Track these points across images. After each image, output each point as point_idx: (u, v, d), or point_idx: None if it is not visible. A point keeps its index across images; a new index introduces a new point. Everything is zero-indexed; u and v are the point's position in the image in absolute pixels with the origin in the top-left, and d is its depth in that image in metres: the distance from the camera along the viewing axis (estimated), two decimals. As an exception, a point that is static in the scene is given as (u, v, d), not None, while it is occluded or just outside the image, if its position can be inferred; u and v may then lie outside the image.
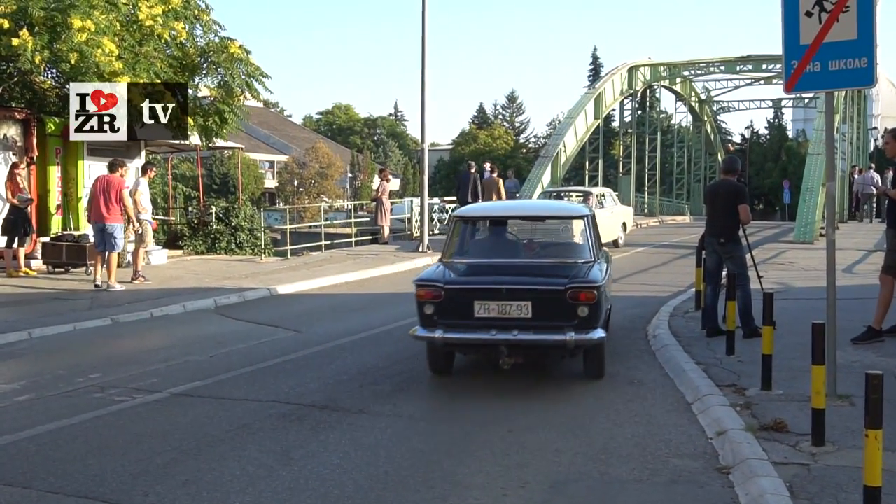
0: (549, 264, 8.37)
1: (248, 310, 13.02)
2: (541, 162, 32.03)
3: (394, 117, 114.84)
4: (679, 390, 7.67)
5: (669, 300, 13.01)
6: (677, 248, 23.03)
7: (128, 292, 14.03)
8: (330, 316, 12.58)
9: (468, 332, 7.62)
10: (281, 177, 71.24)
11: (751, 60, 43.26)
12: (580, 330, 7.49)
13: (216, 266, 18.06)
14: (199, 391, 7.78)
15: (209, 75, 18.20)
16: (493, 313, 7.54)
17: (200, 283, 15.15)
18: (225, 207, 21.76)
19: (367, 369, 8.64)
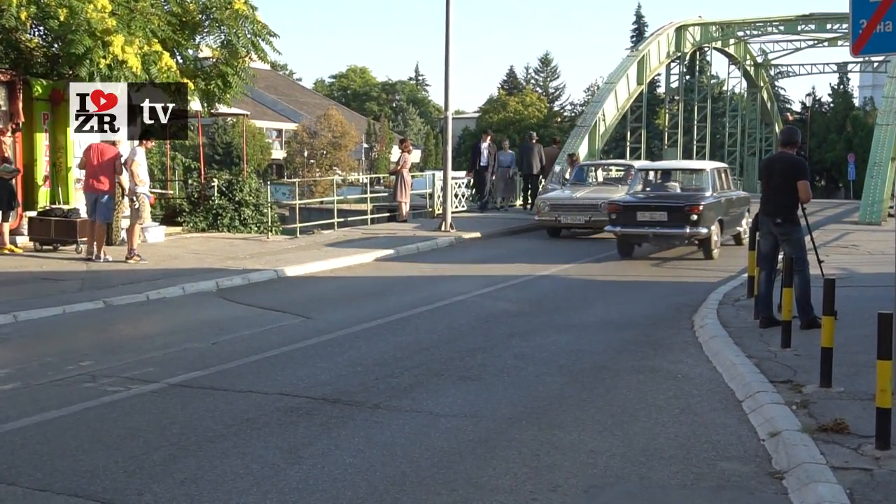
0: (680, 195, 16.99)
1: (252, 293, 13.07)
2: (577, 132, 31.94)
3: (414, 82, 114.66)
4: (728, 386, 7.65)
5: (718, 287, 12.96)
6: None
7: (122, 272, 14.14)
8: (342, 301, 12.63)
9: (633, 227, 16.53)
10: (290, 147, 71.38)
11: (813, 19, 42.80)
12: (693, 227, 15.93)
13: (218, 245, 18.14)
14: (200, 382, 7.84)
15: (211, 34, 18.22)
16: (646, 218, 16.38)
17: (201, 264, 15.23)
18: (228, 180, 21.83)
19: (384, 360, 8.68)
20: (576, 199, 20.65)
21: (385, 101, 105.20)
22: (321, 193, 55.78)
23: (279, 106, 79.63)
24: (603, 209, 19.10)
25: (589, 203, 20.30)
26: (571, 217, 20.40)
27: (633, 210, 16.54)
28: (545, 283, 14.23)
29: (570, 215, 20.41)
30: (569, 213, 20.44)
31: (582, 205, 20.39)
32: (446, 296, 12.65)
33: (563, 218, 20.46)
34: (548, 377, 8.03)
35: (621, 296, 12.93)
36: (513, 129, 74.41)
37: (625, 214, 16.55)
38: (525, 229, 21.96)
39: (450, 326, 10.47)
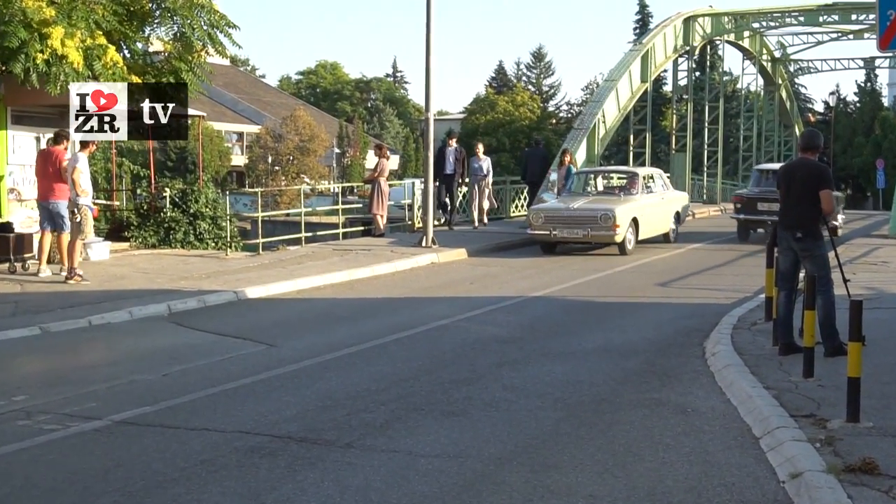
0: None
1: (209, 318, 13.03)
2: (574, 135, 31.98)
3: (392, 79, 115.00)
4: (744, 421, 7.66)
5: (733, 309, 13.00)
6: (743, 244, 23.00)
7: (61, 294, 14.06)
8: (311, 326, 12.60)
9: (754, 215, 22.79)
10: (252, 152, 71.37)
11: (837, 9, 43.11)
12: None
13: (170, 263, 18.08)
14: (149, 419, 7.79)
15: (163, 25, 18.18)
16: (765, 208, 21.38)
17: (151, 284, 15.17)
18: (182, 190, 21.78)
19: (357, 393, 8.65)
20: (573, 210, 20.64)
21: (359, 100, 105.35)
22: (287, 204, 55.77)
23: (240, 106, 79.66)
24: (602, 222, 19.73)
25: (587, 215, 20.30)
26: (568, 231, 20.41)
27: (754, 201, 22.93)
28: (538, 306, 14.23)
29: (566, 229, 20.42)
30: (565, 227, 20.44)
31: (579, 217, 20.36)
32: (428, 320, 12.63)
33: (559, 232, 20.47)
34: (541, 412, 8.02)
35: (624, 319, 12.95)
36: (502, 131, 74.86)
37: (748, 204, 23.17)
38: (515, 244, 22.01)
39: (431, 355, 10.45)
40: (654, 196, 22.44)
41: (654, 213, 22.04)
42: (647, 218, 21.48)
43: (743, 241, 23.13)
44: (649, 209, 21.77)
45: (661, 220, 22.53)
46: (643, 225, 21.16)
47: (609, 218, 19.96)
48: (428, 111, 21.40)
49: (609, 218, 19.96)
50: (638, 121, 40.18)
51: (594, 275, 17.36)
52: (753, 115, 51.07)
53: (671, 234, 23.09)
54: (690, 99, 42.67)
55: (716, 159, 44.30)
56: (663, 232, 22.67)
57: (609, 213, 20.02)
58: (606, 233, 20.08)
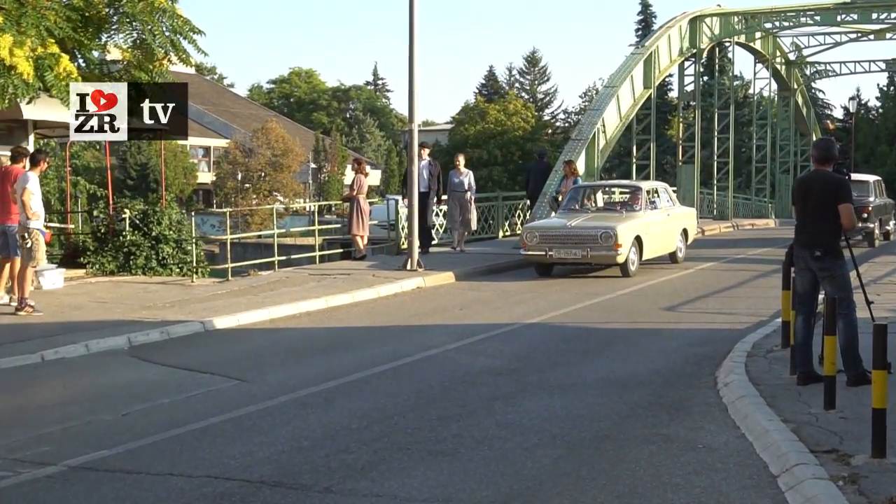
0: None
1: (173, 351, 12.99)
2: (572, 147, 32.11)
3: (372, 87, 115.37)
4: (760, 458, 7.66)
5: (747, 335, 13.00)
6: (757, 264, 23.08)
7: (11, 326, 14.01)
8: (286, 359, 12.57)
9: None
10: (220, 168, 71.51)
11: (856, 8, 43.40)
12: (863, 222, 24.95)
13: (131, 291, 18.02)
14: (108, 463, 7.76)
15: (121, 31, 18.17)
16: None
17: (109, 315, 15.11)
18: (143, 211, 21.73)
19: (336, 432, 8.64)
20: (570, 228, 20.48)
21: (336, 110, 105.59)
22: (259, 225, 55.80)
23: (206, 118, 79.75)
24: (603, 241, 19.57)
25: (586, 233, 20.15)
26: (565, 251, 20.21)
27: None
28: (535, 333, 14.23)
29: (563, 249, 20.22)
30: (562, 247, 20.25)
31: (578, 236, 20.22)
32: (413, 350, 12.62)
33: (556, 252, 20.27)
34: (539, 450, 8.01)
35: (628, 347, 12.96)
36: (493, 143, 75.05)
37: None
38: (509, 266, 22.02)
39: (418, 389, 10.44)
40: (660, 212, 22.28)
41: (659, 231, 21.84)
42: (652, 236, 21.31)
43: None
44: (654, 227, 21.59)
45: (667, 239, 22.34)
46: (647, 244, 21.00)
47: (610, 237, 19.78)
48: (412, 122, 21.41)
49: (610, 237, 19.78)
50: (641, 130, 40.37)
51: (595, 299, 17.38)
52: (767, 123, 51.32)
53: (678, 253, 22.87)
54: (698, 106, 42.88)
55: (727, 171, 44.36)
56: (669, 251, 22.49)
57: (610, 232, 19.82)
58: (607, 253, 19.89)
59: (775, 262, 19.89)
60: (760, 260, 24.01)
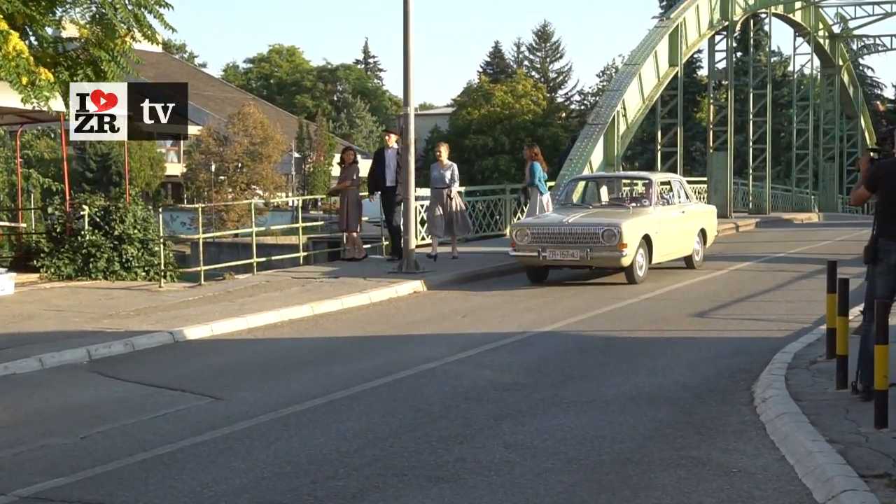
0: None
1: (138, 365, 12.99)
2: (588, 132, 32.11)
3: (363, 66, 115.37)
4: (803, 483, 7.65)
5: (787, 344, 13.00)
6: (799, 263, 23.06)
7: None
8: (265, 373, 12.56)
9: None
10: (191, 159, 71.42)
11: (909, -27, 43.42)
12: None
13: (90, 297, 18.04)
14: (65, 492, 7.75)
15: (78, 5, 18.18)
16: None
17: (66, 325, 15.13)
18: (104, 207, 21.75)
19: (323, 456, 8.63)
20: (568, 225, 19.92)
21: (322, 92, 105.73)
22: (235, 223, 55.87)
23: (175, 102, 79.68)
24: (606, 240, 19.05)
25: (586, 231, 19.55)
26: (561, 252, 19.50)
27: None
28: (547, 343, 14.24)
29: (558, 249, 19.54)
30: (557, 246, 19.60)
31: (576, 234, 19.62)
32: (410, 363, 12.62)
33: (550, 253, 19.57)
34: (552, 475, 8.00)
35: (653, 359, 12.94)
36: (500, 128, 75.08)
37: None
38: (517, 268, 21.97)
39: (415, 407, 10.43)
40: (673, 209, 21.80)
41: (672, 231, 21.18)
42: (664, 236, 20.62)
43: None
44: (666, 225, 20.96)
45: (682, 240, 21.76)
46: (658, 244, 20.29)
47: (614, 235, 19.04)
48: (407, 105, 21.42)
49: (614, 235, 19.04)
50: (667, 113, 40.26)
51: (616, 304, 17.37)
52: (809, 104, 51.31)
53: (695, 256, 22.22)
54: (731, 86, 42.78)
55: (763, 159, 44.31)
56: (685, 254, 21.95)
57: (614, 229, 19.08)
58: (610, 254, 19.17)
59: (818, 262, 19.92)
60: (801, 259, 23.98)
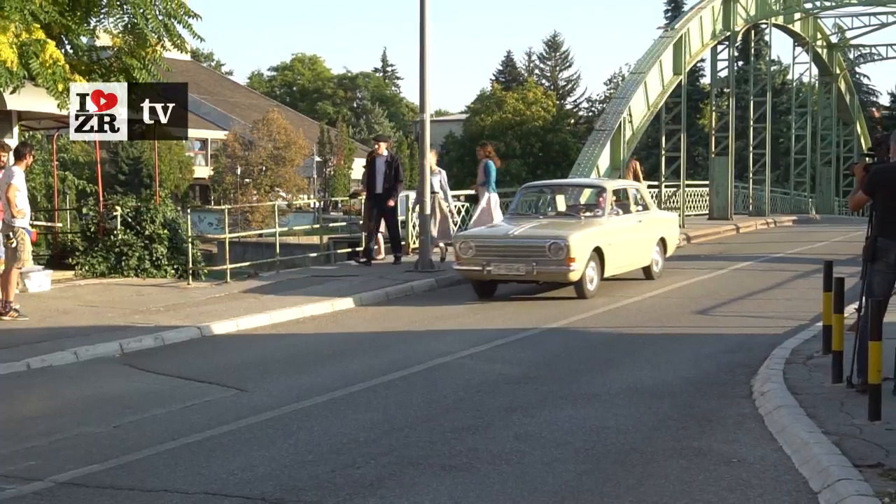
0: None
1: (168, 358, 13.03)
2: (596, 138, 32.12)
3: (381, 74, 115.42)
4: (799, 473, 7.64)
5: (785, 340, 12.98)
6: (797, 263, 23.00)
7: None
8: (288, 367, 12.58)
9: None
10: (217, 162, 71.56)
11: (903, -14, 43.27)
12: None
13: (123, 294, 18.08)
14: (98, 479, 7.78)
15: (111, 15, 18.26)
16: None
17: (100, 320, 15.17)
18: (136, 208, 21.77)
19: (342, 445, 8.65)
20: (513, 238, 17.96)
21: (343, 99, 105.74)
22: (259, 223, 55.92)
23: (203, 109, 79.84)
24: (552, 254, 17.20)
25: (532, 244, 17.64)
26: (506, 266, 17.50)
27: None
28: (556, 339, 14.24)
29: (503, 263, 17.54)
30: (502, 260, 17.60)
31: (521, 246, 17.71)
32: (425, 357, 12.63)
33: (495, 267, 17.54)
34: (560, 465, 8.01)
35: (656, 354, 12.93)
36: (512, 133, 74.98)
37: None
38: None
39: (430, 399, 10.44)
40: (629, 218, 19.83)
41: (627, 241, 19.16)
42: (618, 248, 18.60)
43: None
44: (621, 236, 18.93)
45: (639, 250, 19.78)
46: (611, 257, 18.30)
47: (561, 248, 17.11)
48: (423, 111, 21.40)
49: (561, 248, 17.11)
50: (671, 119, 40.21)
51: (621, 301, 17.35)
52: (807, 111, 51.12)
53: (654, 266, 20.28)
54: (732, 93, 42.62)
55: (763, 163, 44.23)
56: (642, 265, 20.05)
57: (560, 243, 17.15)
58: (557, 269, 17.27)
59: (815, 262, 19.88)
60: (799, 259, 23.93)
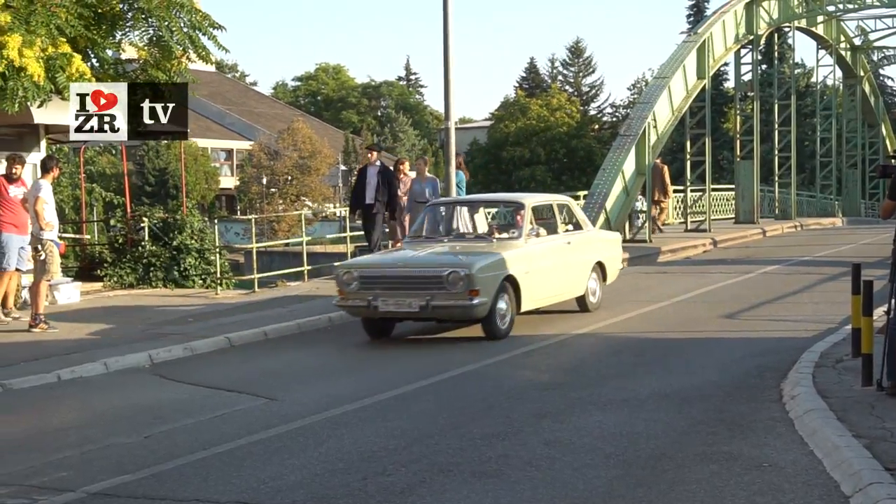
0: None
1: (197, 368, 13.07)
2: (620, 143, 31.96)
3: (405, 82, 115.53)
4: (831, 477, 7.58)
5: (814, 343, 12.91)
6: (824, 266, 22.89)
7: (24, 344, 14.12)
8: (317, 375, 12.60)
9: None
10: (243, 172, 71.73)
11: (927, -14, 43.06)
12: None
13: (151, 304, 18.15)
14: (130, 489, 7.79)
15: (136, 28, 18.32)
16: None
17: (129, 330, 15.24)
18: (163, 219, 21.89)
19: (373, 453, 8.64)
20: (404, 266, 14.96)
21: (367, 108, 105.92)
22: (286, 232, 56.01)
23: (228, 119, 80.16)
24: (451, 285, 14.04)
25: (426, 273, 14.49)
26: (396, 300, 14.31)
27: None
28: (584, 345, 14.21)
29: (393, 297, 14.37)
30: (392, 294, 14.43)
31: (415, 277, 14.57)
32: (453, 364, 12.62)
33: (383, 303, 14.34)
34: (590, 470, 7.97)
35: (684, 359, 12.88)
36: (536, 140, 74.90)
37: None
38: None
39: (458, 406, 10.44)
40: (555, 239, 16.44)
41: (552, 267, 16.05)
42: (539, 275, 15.48)
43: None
44: (543, 261, 15.81)
45: (568, 278, 16.46)
46: (529, 287, 15.10)
47: (461, 278, 13.96)
48: (448, 119, 21.41)
49: (461, 278, 13.96)
50: (695, 123, 39.96)
51: (649, 306, 17.30)
52: (832, 114, 50.91)
53: (590, 296, 16.99)
54: (756, 97, 42.53)
55: (788, 167, 44.04)
56: (574, 295, 16.72)
57: (461, 272, 14.00)
58: (457, 303, 14.08)
59: (843, 265, 19.77)
60: (827, 262, 23.82)
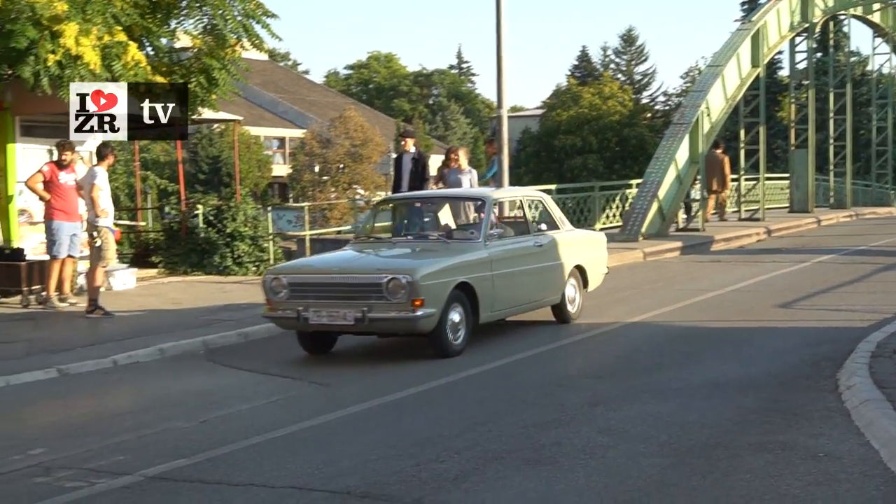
0: None
1: (252, 354, 13.15)
2: (674, 132, 31.77)
3: (456, 70, 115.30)
4: (888, 468, 7.51)
5: (870, 333, 12.78)
6: (880, 256, 22.66)
7: (81, 330, 14.25)
8: (368, 361, 12.63)
9: None
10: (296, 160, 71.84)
11: None
12: None
13: (206, 291, 18.26)
14: (185, 473, 7.84)
15: (190, 17, 18.44)
16: None
17: (184, 317, 15.35)
18: (217, 207, 21.99)
19: (426, 440, 8.65)
20: (338, 272, 13.08)
21: (419, 96, 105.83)
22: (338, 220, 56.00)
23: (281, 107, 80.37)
24: (391, 294, 11.99)
25: (364, 281, 12.56)
26: (329, 312, 12.29)
27: None
28: (637, 333, 14.15)
29: (325, 308, 12.36)
30: (324, 304, 12.45)
31: (350, 285, 12.63)
32: (504, 353, 12.63)
33: (314, 314, 12.35)
34: (645, 459, 7.94)
35: (738, 347, 12.81)
36: (588, 128, 74.53)
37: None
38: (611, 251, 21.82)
39: (511, 393, 10.44)
40: (524, 241, 14.52)
41: (519, 273, 14.00)
42: (502, 281, 13.47)
43: None
44: (506, 265, 13.66)
45: (539, 284, 14.56)
46: (489, 295, 13.15)
47: (402, 286, 11.95)
48: (500, 107, 21.37)
49: (402, 286, 11.95)
50: (749, 112, 39.66)
51: (701, 296, 17.20)
52: (888, 103, 50.31)
53: (567, 304, 14.95)
54: (811, 85, 42.00)
55: (844, 156, 43.64)
56: (549, 303, 14.83)
57: (402, 279, 11.99)
58: (398, 315, 12.03)
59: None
60: (883, 251, 23.58)
